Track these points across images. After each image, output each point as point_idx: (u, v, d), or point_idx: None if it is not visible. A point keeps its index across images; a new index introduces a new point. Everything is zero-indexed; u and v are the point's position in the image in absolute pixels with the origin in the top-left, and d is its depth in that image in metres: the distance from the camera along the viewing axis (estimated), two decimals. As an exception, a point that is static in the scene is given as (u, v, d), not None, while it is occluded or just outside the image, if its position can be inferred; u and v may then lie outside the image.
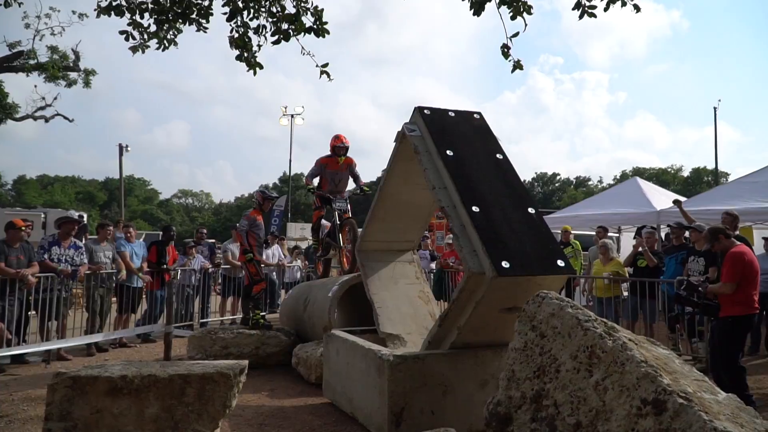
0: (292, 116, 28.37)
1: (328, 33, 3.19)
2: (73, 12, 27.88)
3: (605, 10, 2.97)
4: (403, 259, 6.52)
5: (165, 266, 9.49)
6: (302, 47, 3.38)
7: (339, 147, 8.38)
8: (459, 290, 4.56)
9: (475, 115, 5.56)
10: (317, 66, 3.39)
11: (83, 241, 9.15)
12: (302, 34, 3.25)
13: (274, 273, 11.52)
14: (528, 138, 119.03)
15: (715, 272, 6.97)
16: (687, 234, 8.71)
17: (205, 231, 12.27)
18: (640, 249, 8.71)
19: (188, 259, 10.36)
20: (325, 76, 3.41)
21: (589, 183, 72.21)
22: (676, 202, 10.16)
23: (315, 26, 3.21)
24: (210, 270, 10.72)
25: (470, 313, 4.53)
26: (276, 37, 3.33)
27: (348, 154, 8.55)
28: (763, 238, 9.11)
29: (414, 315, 6.05)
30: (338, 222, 8.30)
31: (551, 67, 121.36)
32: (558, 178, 76.30)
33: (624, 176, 59.99)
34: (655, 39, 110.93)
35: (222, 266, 10.96)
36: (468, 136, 5.26)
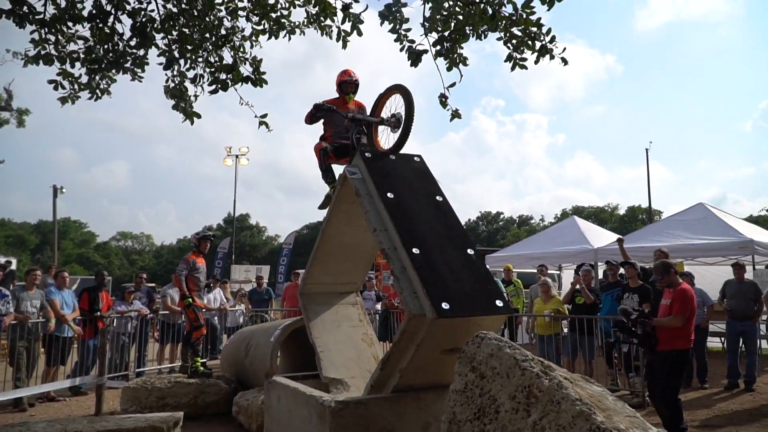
0: (237, 157, 28.14)
1: (266, 83, 3.22)
2: (7, 50, 27.12)
3: (536, 63, 3.12)
4: (346, 301, 6.48)
5: (99, 313, 9.09)
6: (240, 97, 3.38)
7: (347, 82, 6.45)
8: (400, 332, 4.55)
9: (415, 158, 5.65)
10: (256, 117, 3.40)
11: (10, 288, 8.70)
12: (240, 83, 3.26)
13: (216, 318, 11.22)
14: (473, 177, 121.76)
15: (648, 308, 7.21)
16: (622, 271, 9.00)
17: (144, 275, 11.89)
18: (578, 287, 8.95)
19: (125, 305, 9.97)
20: (264, 126, 3.42)
21: (532, 221, 74.14)
22: (619, 240, 10.55)
23: (253, 76, 3.22)
24: (148, 316, 10.34)
25: (412, 356, 4.52)
26: (213, 86, 3.31)
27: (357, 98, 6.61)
28: (683, 274, 9.48)
29: (357, 358, 5.98)
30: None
31: (493, 109, 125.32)
32: (502, 216, 78.05)
33: (564, 214, 61.91)
34: (592, 82, 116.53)
35: (160, 312, 10.59)
36: (408, 178, 5.34)
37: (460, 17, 2.97)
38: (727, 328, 9.25)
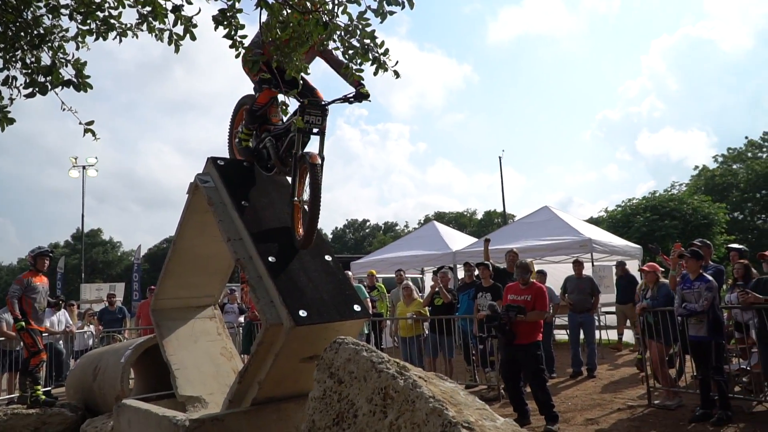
0: (84, 168, 26.07)
1: (91, 87, 2.97)
2: None
3: (374, 74, 3.18)
4: (203, 315, 6.20)
5: None
6: (62, 102, 3.08)
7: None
8: (257, 343, 4.44)
9: (271, 165, 5.56)
10: (81, 123, 3.11)
11: None
12: (60, 87, 2.98)
13: (61, 342, 10.27)
14: (339, 185, 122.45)
15: (501, 305, 7.66)
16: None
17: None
18: (437, 288, 9.30)
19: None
20: (90, 134, 3.14)
21: (397, 228, 76.06)
22: (485, 241, 11.15)
23: (76, 80, 2.96)
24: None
25: (270, 366, 4.42)
26: (30, 90, 3.00)
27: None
28: (537, 271, 10.23)
29: (216, 374, 5.75)
30: (298, 152, 4.66)
31: (357, 119, 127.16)
32: (368, 223, 79.28)
33: (428, 220, 64.25)
34: (451, 91, 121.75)
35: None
36: (264, 186, 5.24)
37: (298, 24, 2.95)
38: (569, 320, 10.08)
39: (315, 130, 4.51)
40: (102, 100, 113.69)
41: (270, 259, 4.51)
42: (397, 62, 3.10)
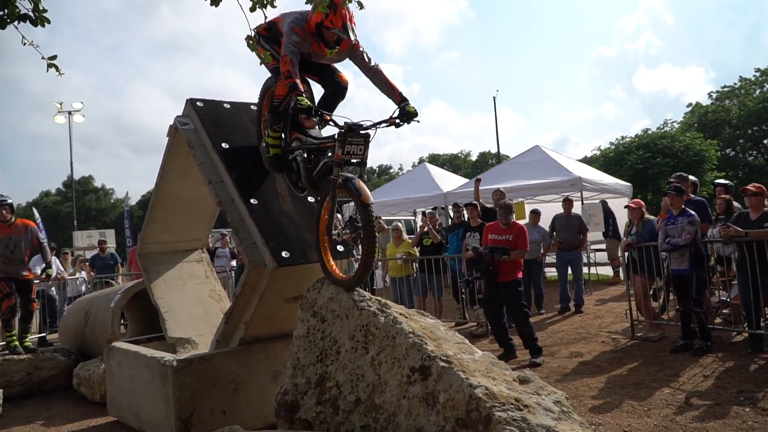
0: (70, 113, 25.60)
1: (48, 22, 2.85)
2: None
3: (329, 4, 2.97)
4: (190, 258, 6.24)
5: None
6: (23, 37, 2.96)
7: (329, 30, 4.01)
8: (242, 284, 4.48)
9: (252, 106, 5.45)
10: (43, 58, 2.99)
11: None
12: (18, 21, 2.86)
13: (53, 289, 10.35)
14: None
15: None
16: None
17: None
18: (426, 229, 9.34)
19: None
20: (53, 69, 3.04)
21: (391, 170, 75.82)
22: (476, 181, 11.13)
23: (33, 14, 2.84)
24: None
25: (255, 307, 4.49)
26: (-13, 23, 2.89)
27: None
28: (531, 211, 10.29)
29: (205, 316, 5.83)
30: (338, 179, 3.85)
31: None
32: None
33: (422, 162, 64.01)
34: (446, 28, 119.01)
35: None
36: (245, 128, 5.15)
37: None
38: (557, 258, 10.20)
39: (355, 161, 3.86)
40: (89, 43, 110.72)
41: (252, 201, 4.49)
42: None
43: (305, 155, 4.30)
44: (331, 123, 3.86)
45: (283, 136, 4.52)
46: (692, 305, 6.36)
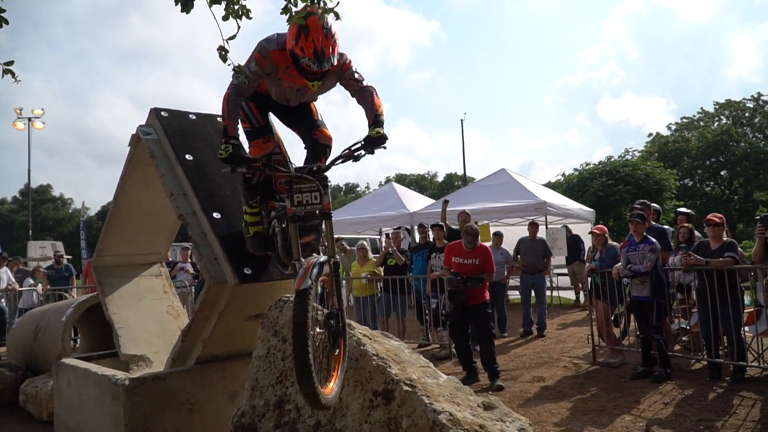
0: (30, 120, 24.89)
1: (6, 22, 2.72)
2: None
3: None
4: (149, 272, 6.03)
5: None
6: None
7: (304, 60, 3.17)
8: (201, 301, 4.33)
9: (218, 118, 5.33)
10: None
11: None
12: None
13: (2, 300, 9.94)
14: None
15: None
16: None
17: None
18: (390, 249, 9.29)
19: None
20: (9, 75, 2.89)
21: (358, 189, 75.80)
22: (444, 201, 11.12)
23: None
24: None
25: (214, 325, 4.33)
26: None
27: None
28: (494, 233, 10.35)
29: (162, 332, 5.62)
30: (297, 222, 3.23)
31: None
32: (330, 184, 78.51)
33: (389, 181, 64.22)
34: (417, 48, 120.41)
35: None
36: (210, 139, 5.02)
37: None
38: (521, 281, 10.25)
39: (309, 223, 3.20)
40: (53, 48, 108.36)
41: (215, 215, 4.36)
42: (338, 3, 2.85)
43: (280, 224, 3.67)
44: (268, 171, 3.38)
45: (262, 212, 4.01)
46: (653, 332, 6.43)
